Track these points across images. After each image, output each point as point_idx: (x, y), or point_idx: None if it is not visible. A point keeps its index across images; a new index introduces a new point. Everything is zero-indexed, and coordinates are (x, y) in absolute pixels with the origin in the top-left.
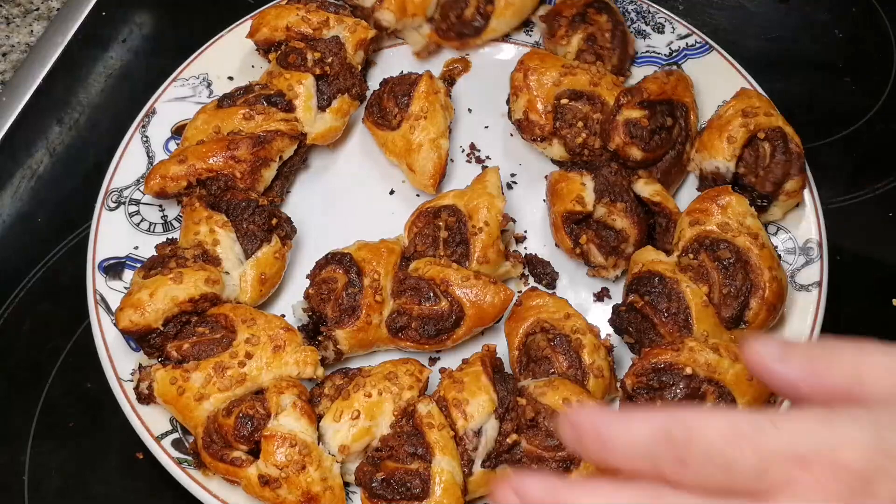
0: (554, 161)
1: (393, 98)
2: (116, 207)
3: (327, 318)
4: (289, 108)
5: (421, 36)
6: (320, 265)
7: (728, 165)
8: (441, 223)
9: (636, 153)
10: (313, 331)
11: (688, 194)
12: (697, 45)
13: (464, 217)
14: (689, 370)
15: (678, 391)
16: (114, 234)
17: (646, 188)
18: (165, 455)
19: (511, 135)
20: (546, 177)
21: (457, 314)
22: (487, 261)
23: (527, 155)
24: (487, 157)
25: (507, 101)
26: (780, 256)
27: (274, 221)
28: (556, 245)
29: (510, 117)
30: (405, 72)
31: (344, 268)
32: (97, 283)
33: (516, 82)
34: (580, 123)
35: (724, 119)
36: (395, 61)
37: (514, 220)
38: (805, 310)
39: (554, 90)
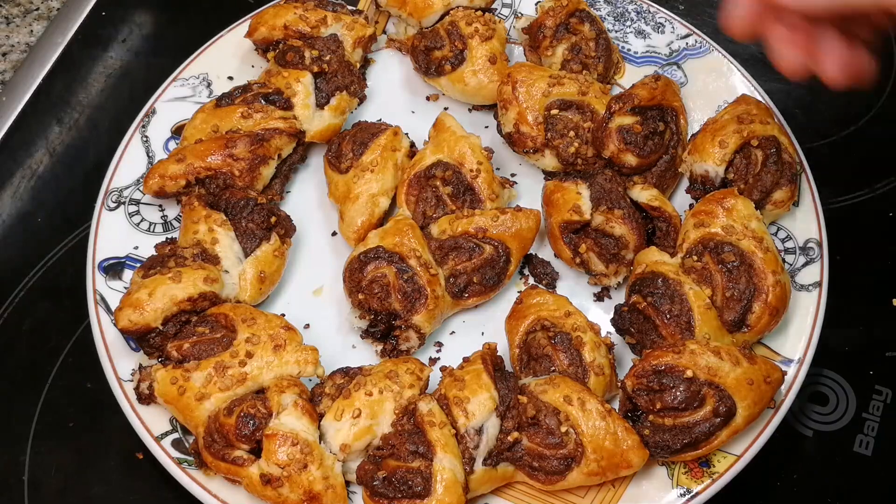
0: (546, 173)
1: (352, 143)
2: (116, 207)
3: (397, 311)
4: (287, 106)
5: (403, 32)
6: (354, 270)
7: (717, 170)
8: (437, 182)
9: (631, 159)
10: (386, 330)
11: (683, 198)
12: (697, 45)
13: (456, 167)
14: (689, 373)
15: (678, 394)
16: (114, 234)
17: (643, 193)
18: (165, 455)
19: None
20: (545, 178)
21: (504, 251)
22: (495, 195)
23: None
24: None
25: (495, 116)
26: (783, 260)
27: (273, 220)
28: (556, 255)
29: (499, 131)
30: (402, 76)
31: (385, 261)
32: (97, 283)
33: (504, 95)
34: (571, 133)
35: (718, 123)
36: (394, 60)
37: (492, 151)
38: (805, 310)
39: (543, 101)
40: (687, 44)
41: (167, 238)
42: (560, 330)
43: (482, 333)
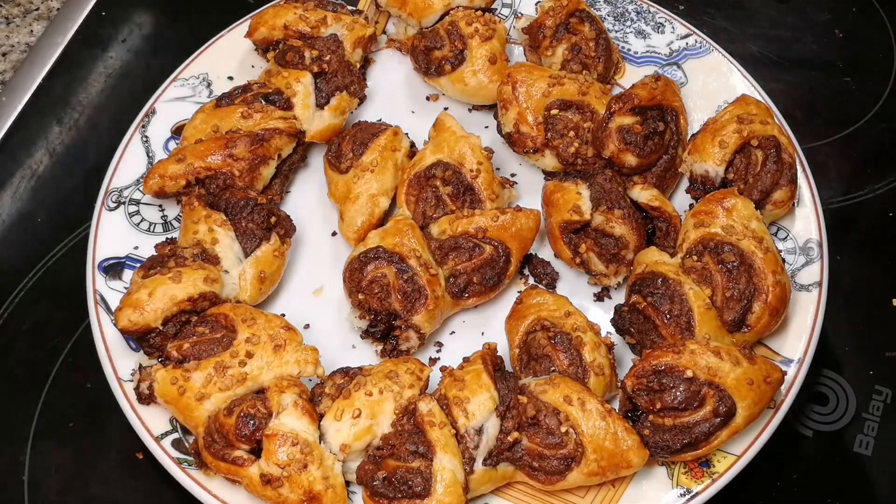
0: (546, 173)
1: (352, 143)
2: (116, 207)
3: (397, 311)
4: (287, 106)
5: (403, 32)
6: (354, 270)
7: (717, 170)
8: (437, 182)
9: (631, 159)
10: (386, 330)
11: (683, 198)
12: (697, 45)
13: (456, 167)
14: (689, 373)
15: (678, 394)
16: (114, 234)
17: (643, 194)
18: (165, 455)
19: None
20: (545, 178)
21: (504, 251)
22: (495, 195)
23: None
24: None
25: (495, 116)
26: (783, 260)
27: (273, 220)
28: (556, 255)
29: (499, 131)
30: (402, 76)
31: (385, 261)
32: (97, 283)
33: (504, 95)
34: (571, 133)
35: (718, 123)
36: (394, 60)
37: (492, 151)
38: (805, 310)
39: (543, 101)
40: (687, 44)
41: (167, 238)
42: (560, 330)
43: (482, 333)
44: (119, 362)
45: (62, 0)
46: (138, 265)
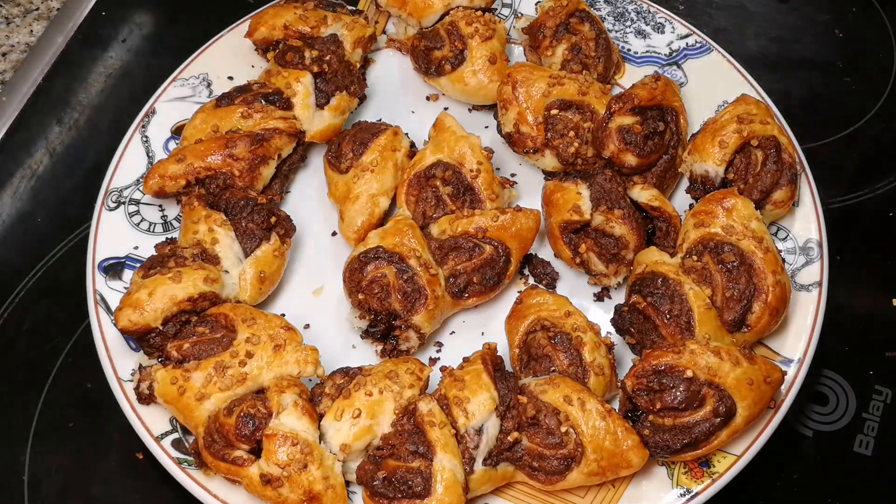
0: (546, 173)
1: (352, 143)
2: (116, 207)
3: (397, 311)
4: (287, 106)
5: (403, 32)
6: (354, 270)
7: (717, 170)
8: (437, 182)
9: (631, 159)
10: (386, 330)
11: (683, 198)
12: (697, 45)
13: (456, 167)
14: (689, 373)
15: (678, 394)
16: (114, 234)
17: (643, 194)
18: (165, 455)
19: None
20: (545, 177)
21: (504, 251)
22: (495, 195)
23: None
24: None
25: (495, 116)
26: (783, 260)
27: (273, 220)
28: (556, 255)
29: (499, 131)
30: (402, 76)
31: (385, 261)
32: (97, 283)
33: (504, 95)
34: (571, 133)
35: (718, 123)
36: (394, 60)
37: (492, 151)
38: (805, 310)
39: (543, 101)
40: (687, 44)
41: (167, 238)
42: (560, 330)
43: (482, 333)
44: (119, 362)
45: (62, 0)
46: (138, 265)
